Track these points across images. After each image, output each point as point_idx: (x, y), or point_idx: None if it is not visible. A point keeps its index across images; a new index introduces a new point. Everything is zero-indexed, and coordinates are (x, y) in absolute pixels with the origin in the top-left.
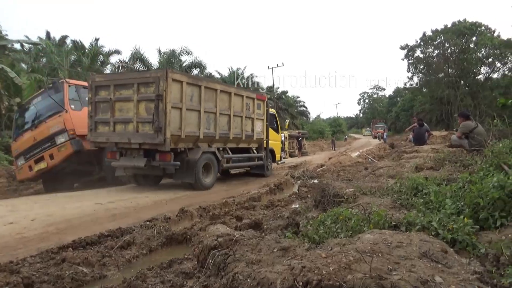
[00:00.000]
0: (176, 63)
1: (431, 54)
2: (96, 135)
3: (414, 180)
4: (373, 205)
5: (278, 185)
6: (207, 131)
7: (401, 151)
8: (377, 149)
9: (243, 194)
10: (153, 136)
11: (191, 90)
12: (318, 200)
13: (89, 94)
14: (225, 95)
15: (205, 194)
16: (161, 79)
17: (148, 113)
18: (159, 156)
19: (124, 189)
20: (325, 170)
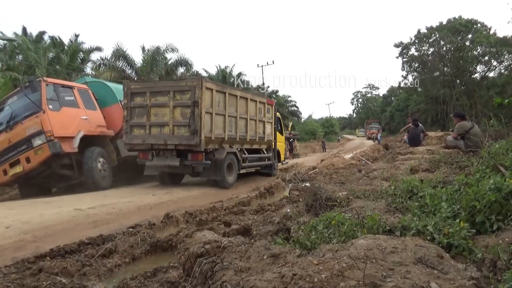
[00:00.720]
0: (161, 61)
1: (426, 52)
2: (132, 137)
3: (409, 183)
4: (367, 209)
5: (269, 188)
6: (230, 133)
7: (395, 153)
8: (371, 151)
9: (231, 199)
10: (189, 138)
11: (219, 96)
12: (310, 204)
13: (125, 100)
14: (243, 100)
15: (191, 198)
16: (197, 87)
17: (184, 118)
18: (191, 156)
19: (106, 194)
20: (317, 172)
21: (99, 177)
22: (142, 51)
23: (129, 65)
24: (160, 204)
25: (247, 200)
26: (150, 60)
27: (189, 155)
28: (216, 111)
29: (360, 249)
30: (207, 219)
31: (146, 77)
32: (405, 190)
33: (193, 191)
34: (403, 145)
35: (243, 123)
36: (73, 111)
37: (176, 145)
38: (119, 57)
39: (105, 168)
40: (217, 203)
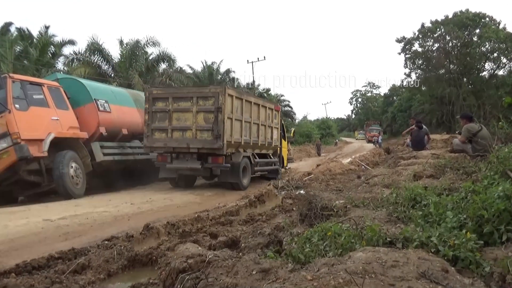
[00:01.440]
0: (141, 55)
1: (430, 48)
2: (153, 140)
3: (412, 190)
4: (366, 219)
5: (259, 196)
6: (245, 138)
7: (397, 157)
8: (371, 155)
9: (218, 208)
10: (212, 141)
11: (237, 103)
12: (304, 213)
13: (146, 105)
14: (255, 106)
15: (174, 208)
16: (220, 94)
17: (207, 122)
18: (211, 159)
19: (79, 203)
20: (313, 179)
21: (71, 184)
22: (120, 45)
23: (106, 60)
24: (139, 214)
25: (235, 209)
26: (129, 55)
27: (209, 158)
28: (235, 116)
29: (358, 263)
30: (191, 230)
31: (124, 73)
32: (407, 198)
33: (176, 200)
34: (405, 149)
35: (255, 129)
36: (43, 111)
37: (199, 148)
38: (94, 52)
39: (77, 174)
40: (202, 212)
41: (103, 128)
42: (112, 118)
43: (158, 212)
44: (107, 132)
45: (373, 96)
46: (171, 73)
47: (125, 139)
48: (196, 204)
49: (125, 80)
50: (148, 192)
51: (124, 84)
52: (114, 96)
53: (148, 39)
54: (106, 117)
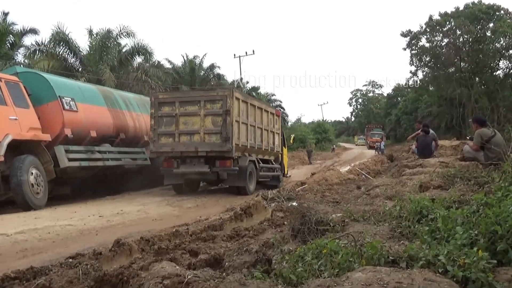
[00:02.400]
0: (113, 47)
1: (439, 44)
2: (159, 145)
3: (418, 203)
4: (366, 235)
5: (246, 209)
6: (251, 142)
7: (402, 165)
8: (372, 163)
9: (199, 221)
10: (221, 144)
11: (243, 106)
12: (297, 228)
13: (152, 110)
14: (259, 110)
15: (148, 221)
16: (228, 97)
17: (215, 126)
18: (219, 162)
19: (40, 215)
20: (307, 189)
21: (30, 193)
22: (89, 35)
23: (73, 52)
24: (109, 228)
25: (219, 223)
26: (99, 47)
27: (217, 162)
28: (241, 120)
29: (357, 284)
30: (168, 247)
31: (94, 67)
32: (412, 211)
33: (151, 212)
34: (411, 156)
35: (259, 133)
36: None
37: (208, 152)
38: (60, 42)
39: (39, 182)
40: (181, 226)
41: (69, 130)
42: (79, 118)
43: (130, 226)
44: (73, 134)
45: (375, 96)
46: (147, 67)
47: (94, 143)
48: (174, 217)
49: (95, 75)
50: (119, 203)
51: (94, 80)
52: (82, 93)
53: (122, 29)
54: (72, 117)
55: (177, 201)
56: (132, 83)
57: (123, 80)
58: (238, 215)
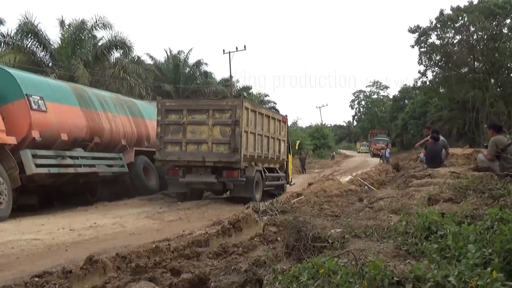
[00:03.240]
0: (87, 40)
1: (450, 41)
2: (166, 154)
3: (426, 217)
4: (369, 253)
5: (235, 222)
6: (258, 151)
7: (409, 176)
8: (376, 172)
9: (182, 236)
10: (229, 155)
11: (251, 115)
12: (291, 245)
13: (158, 117)
14: (266, 118)
15: (125, 235)
16: (238, 107)
17: (223, 136)
18: (226, 173)
19: (3, 228)
20: (303, 201)
21: None
22: (61, 27)
23: (42, 45)
24: (81, 243)
25: (204, 239)
26: (72, 40)
27: (224, 172)
28: (250, 129)
29: None
30: (147, 264)
31: (66, 62)
32: (420, 227)
33: (128, 225)
34: (418, 165)
35: (266, 142)
36: None
37: (215, 162)
38: (28, 34)
39: (1, 191)
40: (162, 242)
41: (37, 132)
42: (48, 119)
43: (105, 241)
44: (42, 137)
45: (379, 98)
46: (126, 63)
47: (65, 147)
48: (154, 231)
49: (67, 71)
50: (92, 215)
51: (66, 76)
52: (52, 91)
53: (97, 20)
54: (40, 118)
55: (158, 213)
56: (109, 81)
57: (99, 77)
58: (226, 229)
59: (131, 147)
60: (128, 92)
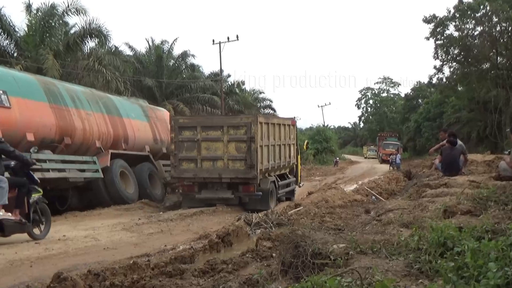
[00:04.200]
0: (58, 28)
1: (470, 33)
2: (181, 171)
3: (441, 232)
4: (376, 271)
5: (224, 236)
6: (272, 163)
7: (422, 185)
8: (385, 181)
9: (164, 251)
10: (246, 171)
11: (265, 128)
12: (288, 262)
13: (172, 134)
14: (277, 127)
15: (99, 249)
16: (253, 123)
17: (239, 152)
18: (242, 188)
19: None
20: (302, 212)
21: None
22: (28, 12)
23: (6, 32)
24: (48, 258)
25: (189, 254)
26: (41, 27)
27: (239, 187)
28: (264, 143)
29: None
30: (123, 283)
31: (33, 52)
32: (434, 242)
33: (102, 239)
34: (433, 173)
35: (278, 150)
36: None
37: (232, 178)
38: None
39: None
40: (141, 258)
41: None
42: (12, 116)
43: (75, 256)
44: (4, 137)
45: (389, 97)
46: (101, 54)
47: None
48: (131, 245)
49: (34, 63)
50: (61, 227)
51: (33, 68)
52: (17, 84)
53: (70, 5)
54: (3, 115)
55: (136, 225)
56: (82, 74)
57: (71, 70)
58: (213, 244)
59: (107, 150)
60: (104, 86)
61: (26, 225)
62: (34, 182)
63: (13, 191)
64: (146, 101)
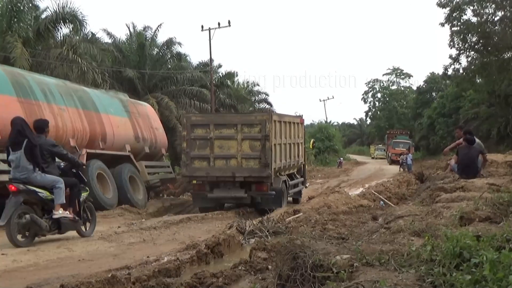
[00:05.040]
0: (27, 11)
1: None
2: (193, 169)
3: (457, 241)
4: (384, 285)
5: (214, 246)
6: (284, 162)
7: (436, 188)
8: (395, 184)
9: (147, 263)
10: (260, 170)
11: (278, 127)
12: (286, 275)
13: (184, 132)
14: (288, 125)
15: (73, 262)
16: (267, 121)
17: (253, 150)
18: (256, 186)
19: None
20: (301, 219)
21: None
22: None
23: None
24: (16, 271)
25: (174, 267)
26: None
27: (252, 186)
28: (277, 141)
29: None
30: None
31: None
32: (449, 253)
33: (77, 249)
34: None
35: (288, 149)
36: None
37: (245, 177)
38: None
39: None
40: (121, 270)
41: None
42: None
43: (47, 269)
44: None
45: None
46: (76, 42)
47: None
48: (110, 256)
49: (1, 51)
50: None
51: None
52: None
53: None
54: None
55: (115, 234)
56: (55, 64)
57: (42, 59)
58: (202, 255)
59: (82, 149)
60: (79, 78)
61: (78, 223)
62: (82, 182)
63: (66, 190)
64: (126, 95)
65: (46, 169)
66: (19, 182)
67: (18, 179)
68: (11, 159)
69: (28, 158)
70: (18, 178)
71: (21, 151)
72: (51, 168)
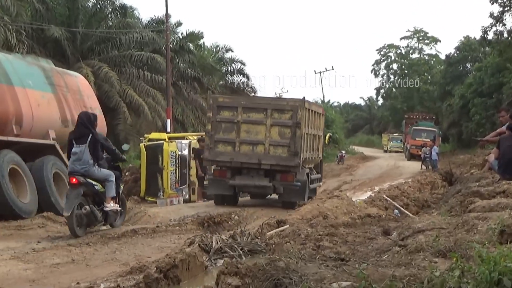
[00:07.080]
0: None
1: None
2: (216, 153)
3: (495, 264)
4: None
5: (168, 269)
6: (309, 153)
7: (469, 193)
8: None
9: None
10: (288, 158)
11: (307, 115)
12: None
13: (209, 113)
14: (313, 114)
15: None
16: (300, 108)
17: (282, 137)
18: (281, 176)
19: None
20: (287, 234)
21: None
22: None
23: None
24: None
25: None
26: None
27: (277, 175)
28: (306, 131)
29: None
30: None
31: None
32: (485, 279)
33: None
34: (486, 174)
35: (311, 141)
36: None
37: (272, 165)
38: None
39: None
40: None
41: None
42: None
43: None
44: None
45: (423, 59)
46: None
47: None
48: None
49: None
50: None
51: None
52: None
53: None
54: None
55: (34, 252)
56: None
57: None
58: (152, 281)
59: None
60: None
61: (117, 214)
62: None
63: None
64: (51, 62)
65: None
66: (79, 175)
67: (78, 172)
68: (75, 151)
69: (91, 152)
70: (78, 171)
71: (86, 145)
72: (103, 162)
